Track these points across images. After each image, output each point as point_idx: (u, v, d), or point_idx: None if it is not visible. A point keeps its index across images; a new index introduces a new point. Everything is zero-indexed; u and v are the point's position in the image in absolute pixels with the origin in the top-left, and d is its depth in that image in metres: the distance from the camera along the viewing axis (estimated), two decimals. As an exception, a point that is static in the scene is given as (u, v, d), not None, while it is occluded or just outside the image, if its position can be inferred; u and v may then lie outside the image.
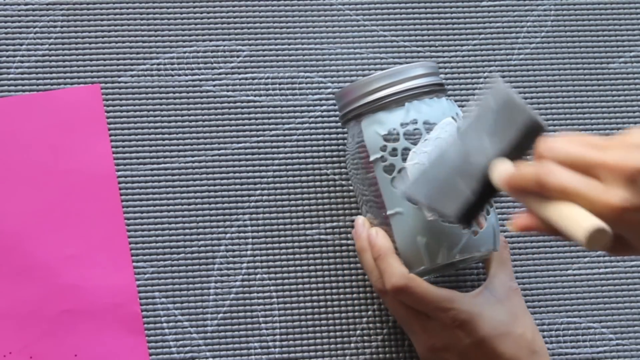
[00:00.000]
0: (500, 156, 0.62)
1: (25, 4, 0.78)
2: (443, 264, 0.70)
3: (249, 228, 0.78)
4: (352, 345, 0.77)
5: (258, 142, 0.79)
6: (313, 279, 0.78)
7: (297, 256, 0.78)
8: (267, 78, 0.80)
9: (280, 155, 0.79)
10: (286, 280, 0.77)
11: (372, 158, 0.71)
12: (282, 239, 0.78)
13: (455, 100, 0.79)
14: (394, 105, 0.71)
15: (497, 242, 0.72)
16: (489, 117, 0.63)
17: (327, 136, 0.80)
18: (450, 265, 0.73)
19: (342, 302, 0.78)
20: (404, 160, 0.70)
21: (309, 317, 0.77)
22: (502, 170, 0.61)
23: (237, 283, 0.77)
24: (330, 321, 0.77)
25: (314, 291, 0.78)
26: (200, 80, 0.79)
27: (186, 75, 0.79)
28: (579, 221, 0.55)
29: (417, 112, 0.70)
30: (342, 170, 0.79)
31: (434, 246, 0.69)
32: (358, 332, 0.78)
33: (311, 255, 0.78)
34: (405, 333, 0.77)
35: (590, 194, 0.55)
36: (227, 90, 0.79)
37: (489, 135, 0.63)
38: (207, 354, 0.76)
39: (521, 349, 0.71)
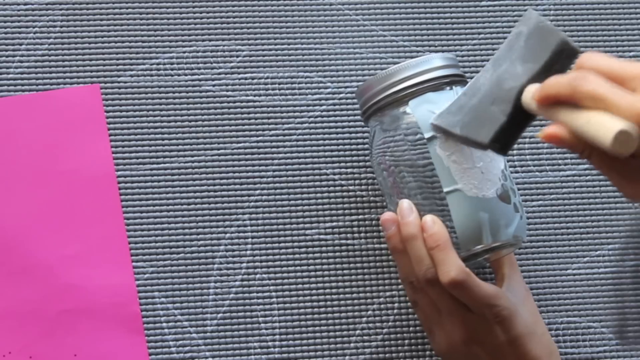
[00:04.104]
0: (533, 81, 0.62)
1: (25, 4, 0.78)
2: (500, 243, 0.70)
3: (249, 228, 0.78)
4: (352, 345, 0.77)
5: (257, 142, 0.79)
6: (312, 279, 0.78)
7: (296, 256, 0.78)
8: (267, 78, 0.80)
9: (280, 155, 0.79)
10: (286, 280, 0.77)
11: (427, 136, 0.70)
12: (282, 239, 0.78)
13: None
14: (442, 88, 0.71)
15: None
16: (521, 42, 0.64)
17: (326, 136, 0.80)
18: (478, 255, 0.72)
19: (342, 302, 0.78)
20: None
21: (308, 317, 0.77)
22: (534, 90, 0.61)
23: (237, 283, 0.77)
24: (330, 321, 0.77)
25: (314, 291, 0.78)
26: (200, 80, 0.79)
27: (185, 75, 0.79)
28: (606, 125, 0.55)
29: None
30: (342, 170, 0.79)
31: (495, 222, 0.70)
32: (358, 332, 0.78)
33: (311, 255, 0.78)
34: (405, 333, 0.77)
35: (619, 101, 0.56)
36: (227, 90, 0.79)
37: (521, 61, 0.63)
38: (207, 353, 0.76)
39: (543, 348, 0.71)
